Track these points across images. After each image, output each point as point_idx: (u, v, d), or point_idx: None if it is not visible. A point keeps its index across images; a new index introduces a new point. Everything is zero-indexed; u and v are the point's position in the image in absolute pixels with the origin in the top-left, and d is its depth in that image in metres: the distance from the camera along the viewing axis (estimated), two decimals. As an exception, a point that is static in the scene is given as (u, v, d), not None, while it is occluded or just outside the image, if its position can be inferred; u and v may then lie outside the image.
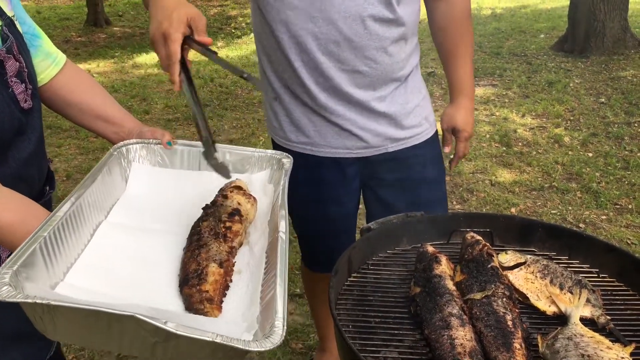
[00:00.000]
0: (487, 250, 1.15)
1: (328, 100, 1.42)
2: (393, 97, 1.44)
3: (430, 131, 1.55)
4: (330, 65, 1.36)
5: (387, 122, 1.45)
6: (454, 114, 1.55)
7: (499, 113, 4.87)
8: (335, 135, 1.45)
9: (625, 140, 4.18)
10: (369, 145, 1.47)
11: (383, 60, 1.37)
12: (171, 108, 5.21)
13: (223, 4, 11.94)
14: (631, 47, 6.77)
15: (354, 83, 1.39)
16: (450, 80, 1.56)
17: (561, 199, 3.35)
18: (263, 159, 1.26)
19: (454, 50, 1.52)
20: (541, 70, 6.18)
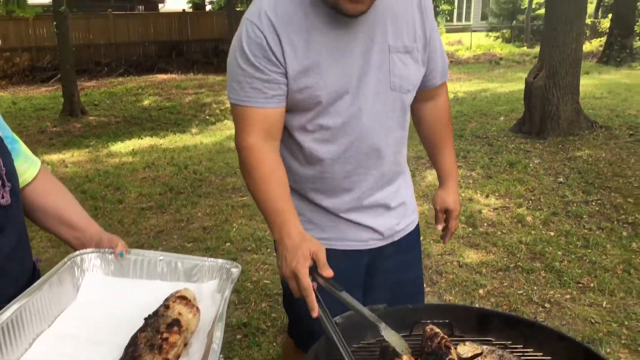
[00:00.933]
0: (445, 343, 1.23)
1: (350, 203, 1.53)
2: (399, 188, 1.61)
3: (417, 220, 1.71)
4: (359, 172, 1.49)
5: (398, 215, 1.60)
6: (445, 196, 1.72)
7: (465, 194, 5.06)
8: (353, 230, 1.56)
9: (584, 218, 4.38)
10: (382, 237, 1.59)
11: (397, 160, 1.55)
12: (145, 196, 5.28)
13: (198, 92, 12.31)
14: (585, 128, 7.17)
15: (375, 185, 1.53)
16: (438, 167, 1.74)
17: (526, 279, 3.46)
18: (214, 268, 1.30)
19: (440, 143, 1.71)
20: (502, 152, 6.48)
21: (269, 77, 1.34)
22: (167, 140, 7.80)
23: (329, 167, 1.47)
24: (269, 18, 1.32)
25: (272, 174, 1.36)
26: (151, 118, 9.69)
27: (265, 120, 1.37)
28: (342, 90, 1.38)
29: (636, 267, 3.53)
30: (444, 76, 1.60)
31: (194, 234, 4.32)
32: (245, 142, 1.38)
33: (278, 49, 1.32)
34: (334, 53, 1.36)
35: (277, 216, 1.31)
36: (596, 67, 15.40)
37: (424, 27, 1.45)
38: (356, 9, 1.28)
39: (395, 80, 1.42)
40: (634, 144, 6.55)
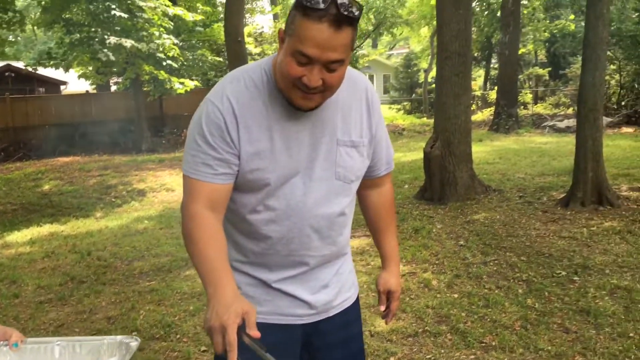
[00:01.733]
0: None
1: (289, 279, 1.58)
2: (341, 267, 1.67)
3: (356, 294, 1.77)
4: (301, 253, 1.55)
5: (335, 291, 1.65)
6: (388, 278, 1.80)
7: (374, 262, 5.19)
8: (288, 304, 1.59)
9: (484, 279, 4.62)
10: (316, 313, 1.63)
11: (340, 241, 1.63)
12: (44, 288, 4.98)
13: (103, 174, 11.98)
14: (480, 192, 7.69)
15: (316, 264, 1.59)
16: (382, 251, 1.84)
17: (434, 343, 3.57)
18: (113, 346, 1.34)
19: (384, 228, 1.82)
20: (408, 218, 6.77)
21: (221, 156, 1.43)
22: (69, 227, 7.47)
23: (273, 245, 1.54)
24: (230, 102, 1.43)
25: (213, 238, 1.42)
26: (51, 203, 9.28)
27: (211, 194, 1.45)
28: (290, 175, 1.49)
29: (532, 323, 3.75)
30: (388, 167, 1.74)
31: (98, 325, 4.11)
32: (190, 209, 1.45)
33: (234, 132, 1.43)
34: (286, 141, 1.47)
35: (214, 275, 1.36)
36: (488, 134, 16.66)
37: (371, 124, 1.60)
38: (307, 105, 1.42)
39: (340, 171, 1.54)
40: (523, 205, 7.09)
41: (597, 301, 4.02)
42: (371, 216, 1.83)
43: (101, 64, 15.36)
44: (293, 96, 1.40)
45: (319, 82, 1.34)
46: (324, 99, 1.43)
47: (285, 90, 1.41)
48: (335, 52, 1.31)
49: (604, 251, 5.13)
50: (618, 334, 3.50)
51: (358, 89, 1.57)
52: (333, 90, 1.42)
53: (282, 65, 1.37)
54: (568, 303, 4.03)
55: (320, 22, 1.28)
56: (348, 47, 1.34)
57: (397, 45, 43.34)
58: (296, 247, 1.56)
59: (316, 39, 1.29)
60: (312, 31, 1.28)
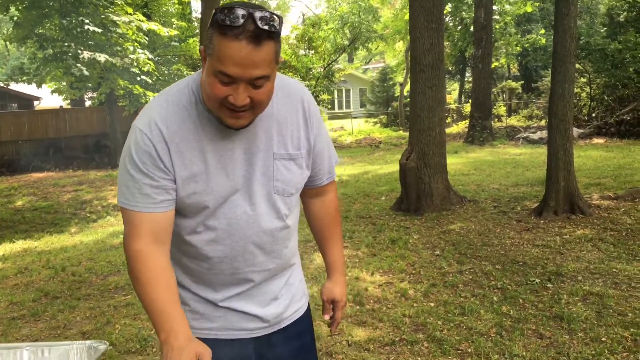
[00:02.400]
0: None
1: (237, 296, 1.56)
2: (288, 279, 1.66)
3: (307, 303, 1.76)
4: (246, 270, 1.54)
5: (285, 302, 1.64)
6: (332, 288, 1.79)
7: (351, 273, 5.22)
8: (239, 319, 1.58)
9: (460, 287, 4.67)
10: (266, 326, 1.62)
11: (285, 254, 1.61)
12: (16, 305, 4.89)
13: (77, 189, 11.83)
14: (455, 202, 7.78)
15: (262, 279, 1.58)
16: (326, 260, 1.82)
17: (411, 351, 3.60)
18: (82, 350, 1.34)
19: (328, 237, 1.80)
20: (385, 230, 6.81)
21: (158, 183, 1.39)
22: (43, 242, 7.35)
23: (216, 265, 1.52)
24: (159, 128, 1.38)
25: (159, 277, 1.38)
26: (25, 220, 9.12)
27: (154, 225, 1.40)
28: (228, 194, 1.46)
29: (507, 329, 3.80)
30: (330, 177, 1.73)
31: (72, 340, 4.03)
32: (132, 247, 1.40)
33: (167, 158, 1.38)
34: (221, 160, 1.44)
35: (164, 319, 1.32)
36: (463, 146, 16.90)
37: (308, 135, 1.57)
38: (237, 124, 1.38)
39: (278, 185, 1.52)
40: (498, 215, 7.19)
41: (570, 307, 4.09)
42: (315, 225, 1.81)
43: (75, 79, 15.21)
44: (222, 116, 1.36)
45: (246, 101, 1.30)
46: (254, 115, 1.39)
47: (214, 110, 1.36)
48: (257, 68, 1.26)
49: (577, 258, 5.24)
50: (591, 339, 3.57)
51: (294, 100, 1.53)
52: (262, 107, 1.37)
53: (206, 86, 1.33)
54: (542, 309, 4.10)
55: (238, 40, 1.22)
56: (271, 62, 1.29)
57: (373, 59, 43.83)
58: (240, 265, 1.53)
59: (235, 57, 1.23)
60: (230, 50, 1.23)
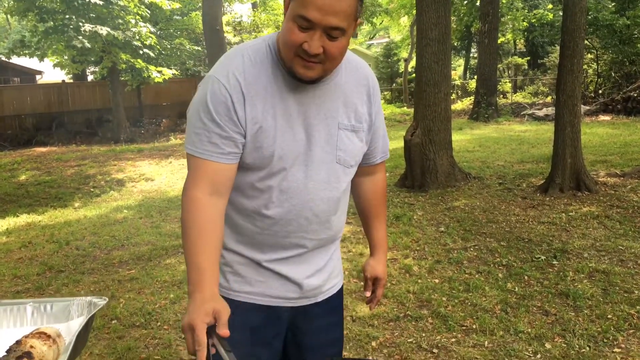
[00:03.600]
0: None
1: (284, 262, 1.56)
2: (334, 253, 1.67)
3: (342, 281, 1.76)
4: (298, 235, 1.53)
5: (325, 276, 1.64)
6: (375, 265, 1.79)
7: (355, 249, 5.20)
8: (280, 288, 1.58)
9: (464, 264, 4.65)
10: (305, 296, 1.61)
11: (336, 225, 1.62)
12: (20, 278, 4.90)
13: (80, 164, 11.81)
14: (460, 179, 7.73)
15: (312, 247, 1.58)
16: (371, 238, 1.83)
17: (415, 327, 3.59)
18: (82, 305, 1.37)
19: (374, 215, 1.80)
20: (389, 206, 6.78)
21: (228, 134, 1.40)
22: (47, 217, 7.35)
23: (271, 226, 1.51)
24: (237, 78, 1.40)
25: (207, 230, 1.39)
26: (28, 194, 9.11)
27: (216, 175, 1.41)
28: (291, 155, 1.47)
29: (512, 306, 3.79)
30: (384, 155, 1.74)
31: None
32: (190, 193, 1.41)
33: (241, 109, 1.40)
34: (289, 120, 1.45)
35: (197, 273, 1.33)
36: (468, 123, 16.77)
37: (370, 110, 1.59)
38: (307, 75, 1.38)
39: (341, 155, 1.53)
40: (503, 191, 7.15)
41: (576, 284, 4.07)
42: (363, 204, 1.82)
43: (76, 52, 15.07)
44: (294, 64, 1.37)
45: (319, 50, 1.33)
46: (324, 70, 1.40)
47: (287, 59, 1.38)
48: (336, 17, 1.29)
49: (583, 235, 5.21)
50: (597, 316, 3.56)
51: (360, 75, 1.57)
52: (334, 62, 1.40)
53: (284, 32, 1.36)
54: (547, 286, 4.08)
55: None
56: (350, 17, 1.32)
57: (377, 35, 43.33)
58: (294, 229, 1.53)
59: (318, 2, 1.28)
60: None
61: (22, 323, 1.37)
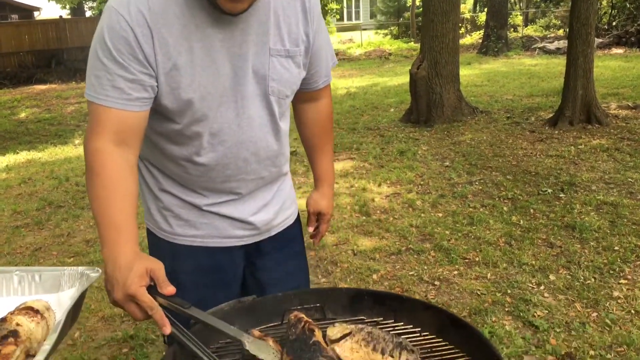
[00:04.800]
0: (309, 327, 1.17)
1: (226, 204, 1.44)
2: (280, 187, 1.54)
3: (296, 211, 1.65)
4: (238, 178, 1.40)
5: (275, 210, 1.53)
6: (319, 199, 1.68)
7: (358, 184, 5.12)
8: (227, 227, 1.47)
9: (469, 198, 4.56)
10: (257, 233, 1.51)
11: (279, 161, 1.48)
12: (20, 214, 4.86)
13: (81, 101, 11.63)
14: (467, 114, 7.54)
15: (255, 187, 1.46)
16: (315, 170, 1.71)
17: (417, 260, 3.53)
18: (74, 276, 1.23)
19: (318, 146, 1.67)
20: (393, 141, 6.64)
21: (134, 77, 1.19)
22: (47, 154, 7.27)
23: (206, 173, 1.38)
24: (140, 10, 1.17)
25: (115, 181, 1.19)
26: (28, 131, 9.01)
27: (122, 124, 1.21)
28: (217, 93, 1.28)
29: (516, 239, 3.71)
30: (327, 80, 1.55)
31: (76, 249, 4.02)
32: (92, 145, 1.21)
33: (148, 47, 1.19)
34: (209, 53, 1.24)
35: (111, 230, 1.14)
36: (477, 57, 16.33)
37: (307, 30, 1.37)
38: (236, 8, 1.18)
39: (274, 85, 1.34)
40: (510, 125, 6.97)
41: (583, 217, 3.98)
42: (306, 133, 1.67)
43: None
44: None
45: None
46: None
47: None
48: None
49: (591, 168, 5.07)
50: (603, 248, 3.48)
51: None
52: None
53: None
54: (553, 219, 3.99)
55: None
56: None
57: (385, -34, 41.75)
58: (232, 173, 1.39)
59: None
60: None
61: (7, 292, 1.25)
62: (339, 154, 6.09)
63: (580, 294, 2.98)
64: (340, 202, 4.67)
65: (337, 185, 5.09)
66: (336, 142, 6.51)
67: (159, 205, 1.47)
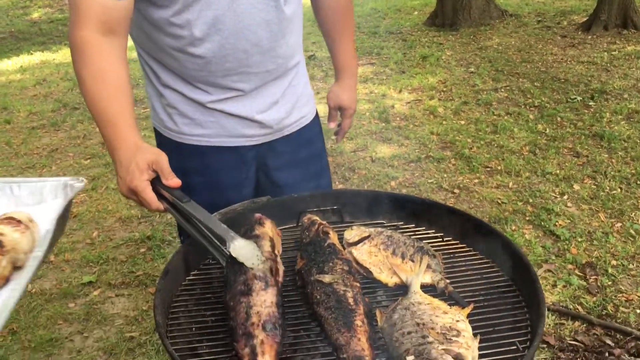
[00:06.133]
0: (323, 229, 1.11)
1: (232, 100, 1.35)
2: (291, 83, 1.43)
3: (314, 109, 1.56)
4: (240, 71, 1.30)
5: (287, 108, 1.43)
6: (340, 92, 1.59)
7: (378, 90, 4.95)
8: (235, 126, 1.39)
9: (493, 105, 4.39)
10: (268, 132, 1.43)
11: (285, 52, 1.35)
12: (36, 115, 4.82)
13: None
14: (495, 17, 7.15)
15: (261, 82, 1.35)
16: (335, 61, 1.60)
17: (437, 168, 3.46)
18: (57, 187, 1.18)
19: (337, 33, 1.56)
20: (416, 46, 6.36)
21: None
22: (60, 55, 7.12)
23: (204, 66, 1.27)
24: None
25: (107, 72, 1.13)
26: (42, 32, 8.81)
27: (106, 11, 1.12)
28: None
29: (541, 148, 3.59)
30: None
31: (92, 150, 4.00)
32: (77, 34, 1.12)
33: None
34: None
35: (108, 128, 1.11)
36: (508, -43, 15.33)
37: None
38: None
39: None
40: (541, 30, 6.61)
41: (612, 126, 3.81)
42: (323, 19, 1.54)
43: None
44: None
45: None
46: None
47: None
48: None
49: (624, 76, 4.82)
50: (632, 158, 3.35)
51: None
52: None
53: None
54: (581, 128, 3.84)
55: None
56: None
57: None
58: (233, 66, 1.28)
59: None
60: None
61: None
62: (358, 59, 5.85)
63: (604, 204, 2.90)
64: (359, 108, 4.52)
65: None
66: (356, 46, 6.26)
67: (163, 102, 1.38)
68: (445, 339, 0.86)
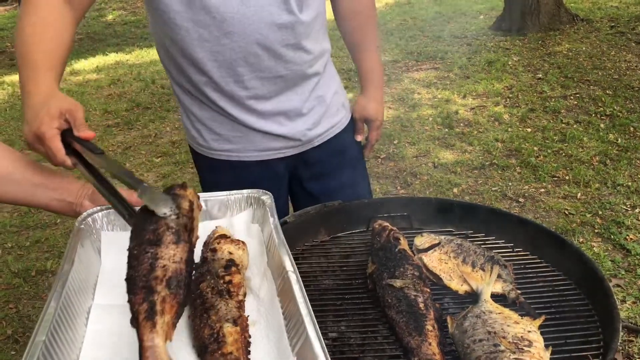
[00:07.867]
0: (394, 235, 1.14)
1: (251, 113, 1.36)
2: (316, 89, 1.42)
3: (348, 117, 1.54)
4: (252, 76, 1.30)
5: (314, 119, 1.43)
6: (365, 104, 1.55)
7: (441, 95, 4.92)
8: (262, 140, 1.40)
9: (562, 113, 4.28)
10: (297, 144, 1.43)
11: (301, 57, 1.33)
12: (111, 113, 5.08)
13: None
14: (566, 22, 6.94)
15: (273, 90, 1.35)
16: (359, 71, 1.55)
17: (501, 176, 3.41)
18: (240, 200, 1.18)
19: (360, 42, 1.52)
20: (481, 51, 6.26)
21: None
22: (133, 56, 7.44)
23: (216, 71, 1.28)
24: None
25: (47, 25, 1.10)
26: (116, 33, 9.23)
27: None
28: None
29: (612, 158, 3.48)
30: None
31: (163, 149, 4.18)
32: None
33: None
34: None
35: (29, 70, 1.05)
36: (580, -41, 14.81)
37: None
38: None
39: None
40: (614, 36, 6.36)
41: (691, 137, 3.65)
42: (345, 25, 1.50)
43: None
44: None
45: None
46: None
47: None
48: None
49: None
50: None
51: None
52: None
53: None
54: (656, 139, 3.70)
55: None
56: None
57: None
58: (244, 71, 1.27)
59: None
60: None
61: None
62: (422, 64, 5.84)
63: (680, 219, 2.79)
64: (421, 113, 4.52)
65: (419, 96, 4.92)
66: (419, 51, 6.24)
67: (192, 119, 1.41)
68: (517, 348, 0.88)
